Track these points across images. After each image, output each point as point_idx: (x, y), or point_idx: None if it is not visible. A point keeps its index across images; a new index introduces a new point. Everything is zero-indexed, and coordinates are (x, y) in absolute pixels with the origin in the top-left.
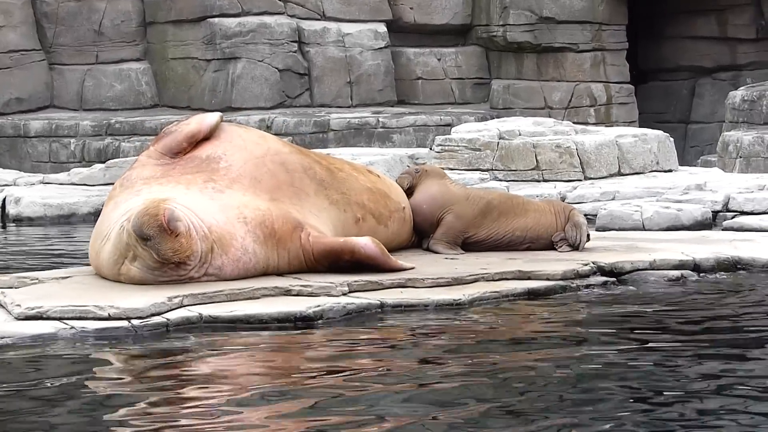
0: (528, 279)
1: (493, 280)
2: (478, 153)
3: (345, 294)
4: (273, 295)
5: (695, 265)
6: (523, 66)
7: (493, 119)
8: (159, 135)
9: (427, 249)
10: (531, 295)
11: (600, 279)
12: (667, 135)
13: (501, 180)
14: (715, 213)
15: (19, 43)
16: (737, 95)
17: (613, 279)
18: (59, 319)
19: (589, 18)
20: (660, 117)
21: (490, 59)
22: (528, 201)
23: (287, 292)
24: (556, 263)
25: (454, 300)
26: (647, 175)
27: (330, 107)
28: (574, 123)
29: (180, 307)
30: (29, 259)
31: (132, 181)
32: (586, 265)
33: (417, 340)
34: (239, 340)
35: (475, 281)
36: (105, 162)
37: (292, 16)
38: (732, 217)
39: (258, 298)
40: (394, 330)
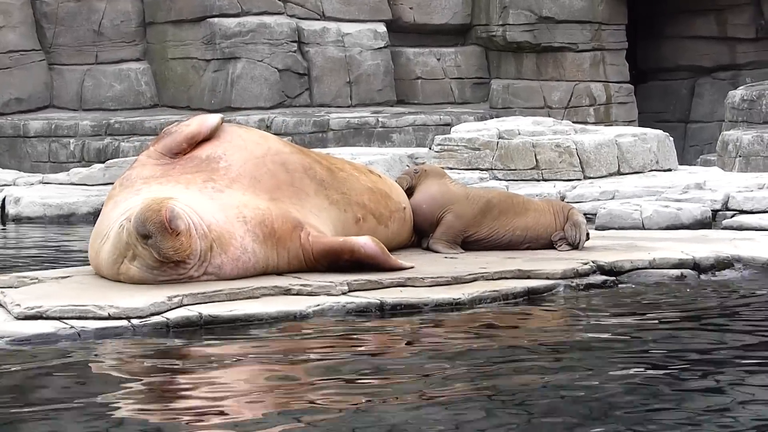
0: (527, 278)
1: (493, 279)
2: (477, 152)
3: (344, 293)
4: (273, 295)
5: (695, 264)
6: (523, 66)
7: (493, 119)
8: (159, 135)
9: (427, 248)
10: (530, 294)
11: (600, 278)
12: (667, 134)
13: (500, 179)
14: (715, 212)
15: (19, 43)
16: (737, 95)
17: (613, 278)
18: (59, 319)
19: (589, 18)
20: (659, 116)
21: (489, 59)
22: (528, 200)
23: (287, 291)
24: (555, 262)
25: (453, 299)
26: (647, 175)
27: (329, 107)
28: (573, 122)
29: (180, 307)
30: (29, 259)
31: (132, 181)
32: (585, 264)
33: (416, 339)
34: (239, 339)
35: (475, 280)
36: (104, 162)
37: (291, 16)
38: (731, 216)
39: (258, 297)
40: (393, 329)
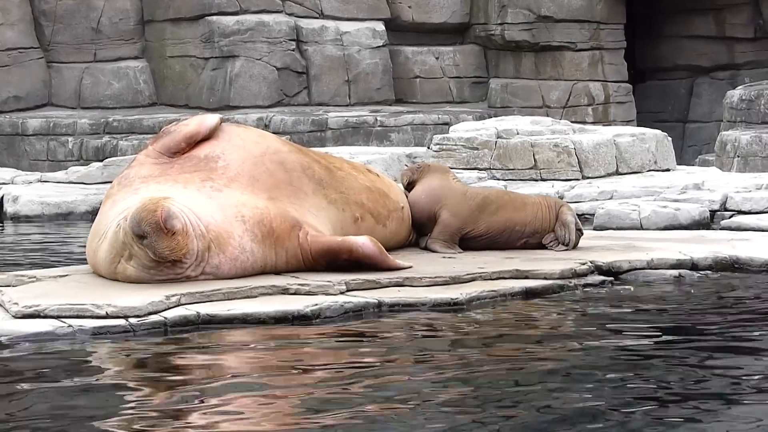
0: (525, 278)
1: (491, 279)
2: (476, 152)
3: (342, 293)
4: (270, 294)
5: (693, 265)
6: (521, 65)
7: (491, 118)
8: (158, 134)
9: (425, 248)
10: (528, 294)
11: (598, 278)
12: (665, 134)
13: (499, 179)
14: (713, 212)
15: (17, 41)
16: (735, 94)
17: (611, 278)
18: (57, 318)
19: (587, 17)
20: (658, 116)
21: (488, 58)
22: (524, 195)
23: (285, 290)
24: (553, 262)
25: (451, 299)
26: (645, 175)
27: (328, 106)
28: (572, 122)
29: (177, 306)
30: (27, 258)
31: (130, 180)
32: (583, 265)
33: (414, 339)
34: (237, 338)
35: (473, 280)
36: (103, 160)
37: (290, 14)
38: (730, 217)
39: (255, 296)
40: (391, 329)
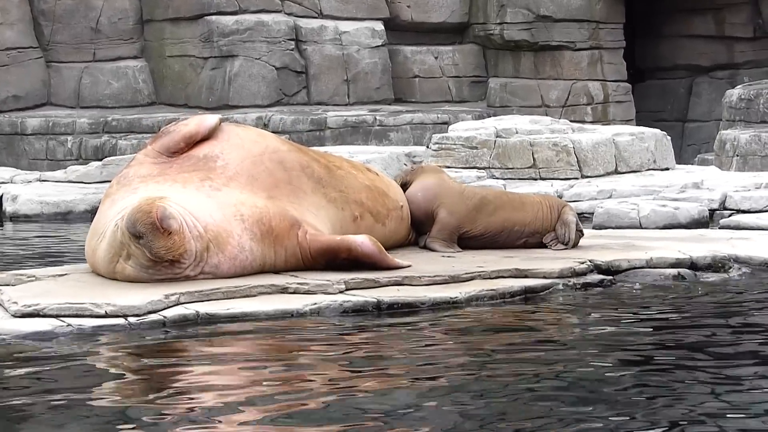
0: (525, 277)
1: (490, 278)
2: (475, 151)
3: (342, 292)
4: (270, 293)
5: (692, 264)
6: (520, 64)
7: (490, 117)
8: (157, 134)
9: (424, 247)
10: (528, 294)
11: (597, 277)
12: (664, 133)
13: (498, 178)
14: (712, 211)
15: (17, 41)
16: (734, 94)
17: (610, 277)
18: (56, 317)
19: (587, 16)
20: (657, 115)
21: (487, 57)
22: (524, 195)
23: (284, 289)
24: (552, 261)
25: (450, 298)
26: (644, 174)
27: (327, 105)
28: (571, 121)
29: (177, 305)
30: (26, 257)
31: (129, 179)
32: (582, 264)
33: (413, 338)
34: (235, 337)
35: (472, 279)
36: (102, 160)
37: (289, 14)
38: (729, 216)
39: (255, 295)
40: (390, 328)
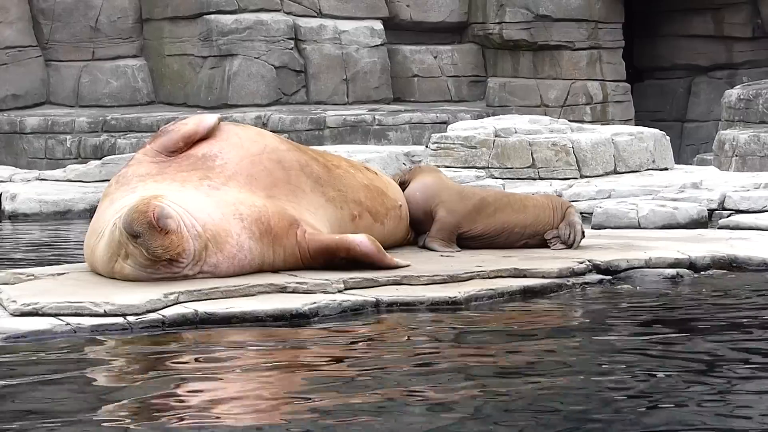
0: (524, 277)
1: (489, 277)
2: (473, 151)
3: (340, 291)
4: (268, 292)
5: (691, 264)
6: (519, 64)
7: (489, 117)
8: (156, 133)
9: (423, 246)
10: (526, 293)
11: (596, 277)
12: (663, 133)
13: (497, 178)
14: (711, 211)
15: (16, 40)
16: (733, 94)
17: (609, 277)
18: (55, 316)
19: (586, 16)
20: (656, 115)
21: (486, 57)
22: (526, 197)
23: (283, 289)
24: (551, 261)
25: (449, 297)
26: (643, 174)
27: (326, 104)
28: (570, 121)
29: (176, 304)
30: (25, 256)
31: (127, 179)
32: (581, 264)
33: (412, 337)
34: (234, 337)
35: (471, 279)
36: (101, 158)
37: (288, 13)
38: (728, 216)
39: (254, 295)
40: (389, 328)
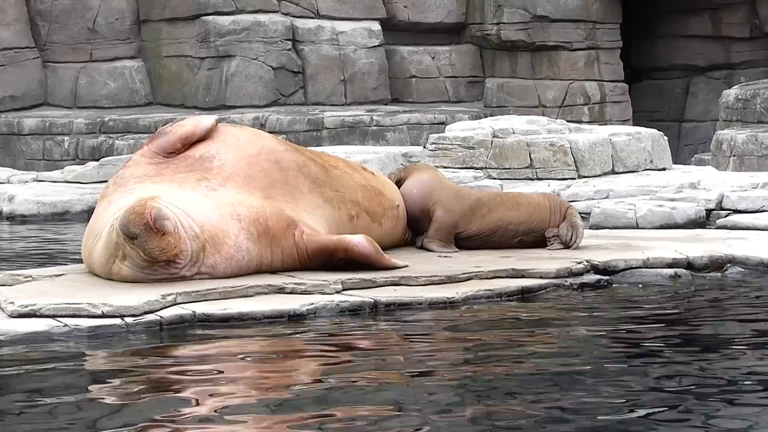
0: (521, 277)
1: (487, 278)
2: (471, 151)
3: (338, 292)
4: (266, 293)
5: (689, 264)
6: (517, 64)
7: (487, 117)
8: (153, 135)
9: (421, 247)
10: (524, 294)
11: (593, 277)
12: (661, 133)
13: (495, 178)
14: (709, 211)
15: (13, 41)
16: (731, 94)
17: (607, 277)
18: (53, 317)
19: (583, 16)
20: (654, 115)
21: (484, 57)
22: (521, 195)
23: (281, 289)
24: (549, 261)
25: (447, 298)
26: (641, 174)
27: (324, 105)
28: (567, 121)
29: (173, 305)
30: (23, 257)
31: (125, 180)
32: (579, 264)
33: (410, 338)
34: (232, 337)
35: (469, 279)
36: (99, 160)
37: (286, 14)
38: (725, 216)
39: (251, 295)
40: (387, 328)
